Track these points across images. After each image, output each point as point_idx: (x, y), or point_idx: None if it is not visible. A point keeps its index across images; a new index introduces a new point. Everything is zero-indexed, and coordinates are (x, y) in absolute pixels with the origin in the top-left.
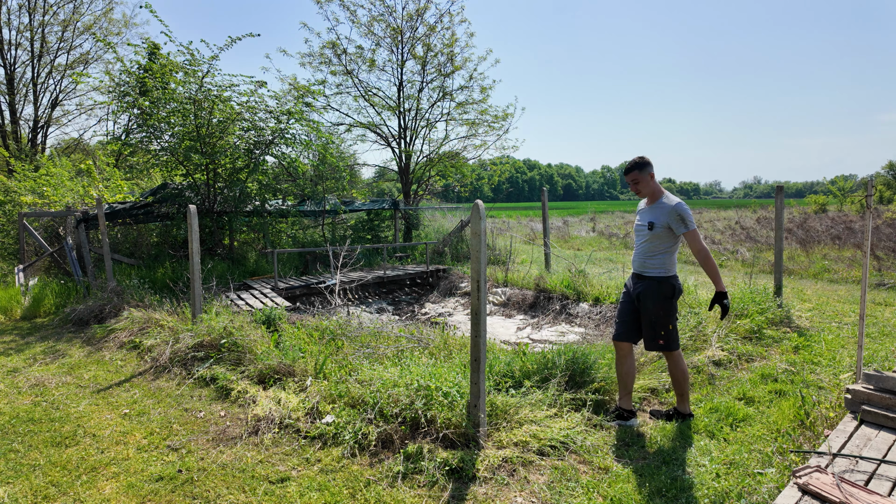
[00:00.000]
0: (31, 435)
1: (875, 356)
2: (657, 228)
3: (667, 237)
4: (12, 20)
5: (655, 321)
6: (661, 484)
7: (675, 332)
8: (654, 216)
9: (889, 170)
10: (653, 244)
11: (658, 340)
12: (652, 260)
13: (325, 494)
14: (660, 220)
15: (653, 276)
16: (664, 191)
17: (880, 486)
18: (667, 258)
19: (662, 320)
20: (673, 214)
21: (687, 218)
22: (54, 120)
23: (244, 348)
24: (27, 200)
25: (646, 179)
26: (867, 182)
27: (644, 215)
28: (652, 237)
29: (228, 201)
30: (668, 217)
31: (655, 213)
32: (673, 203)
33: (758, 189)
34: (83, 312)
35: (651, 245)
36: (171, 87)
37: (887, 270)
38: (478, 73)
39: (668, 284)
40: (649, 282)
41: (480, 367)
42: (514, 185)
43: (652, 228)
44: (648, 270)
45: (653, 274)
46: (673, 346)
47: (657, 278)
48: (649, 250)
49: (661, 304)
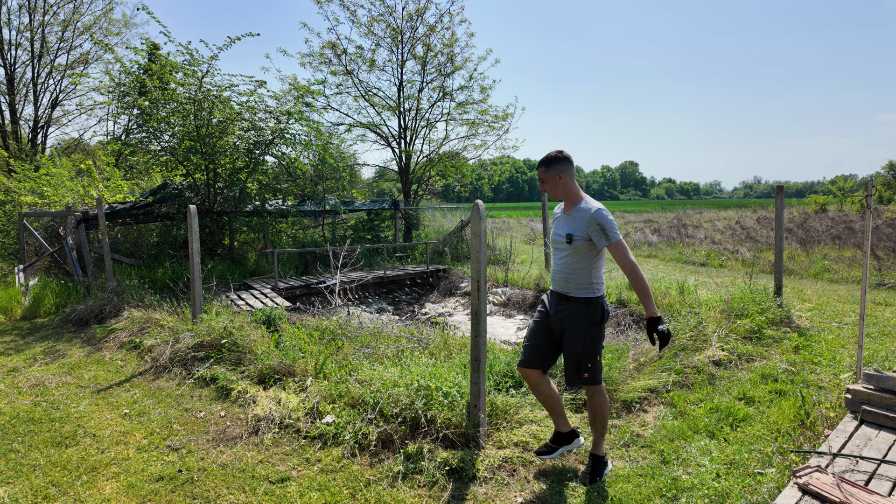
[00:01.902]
0: (32, 435)
1: (875, 356)
2: (577, 241)
3: (589, 250)
4: (12, 20)
5: (582, 352)
6: (661, 484)
7: (601, 362)
8: (573, 226)
9: (889, 170)
10: (574, 259)
11: (583, 374)
12: (576, 278)
13: (325, 494)
14: (578, 231)
15: (579, 298)
16: (582, 195)
17: (880, 486)
18: (593, 275)
19: (590, 350)
20: (592, 224)
21: (608, 228)
22: (54, 120)
23: (244, 348)
24: (27, 200)
25: (553, 180)
26: (867, 182)
27: (560, 225)
28: (573, 251)
29: (228, 201)
30: (587, 227)
31: (573, 222)
32: (592, 210)
33: (758, 189)
34: (83, 312)
35: (573, 261)
36: (171, 87)
37: (887, 270)
38: (478, 73)
39: (597, 307)
40: (575, 304)
41: (480, 367)
42: (514, 185)
43: (571, 241)
44: (573, 291)
45: (579, 295)
46: (598, 379)
47: (584, 300)
48: (571, 267)
49: (590, 331)
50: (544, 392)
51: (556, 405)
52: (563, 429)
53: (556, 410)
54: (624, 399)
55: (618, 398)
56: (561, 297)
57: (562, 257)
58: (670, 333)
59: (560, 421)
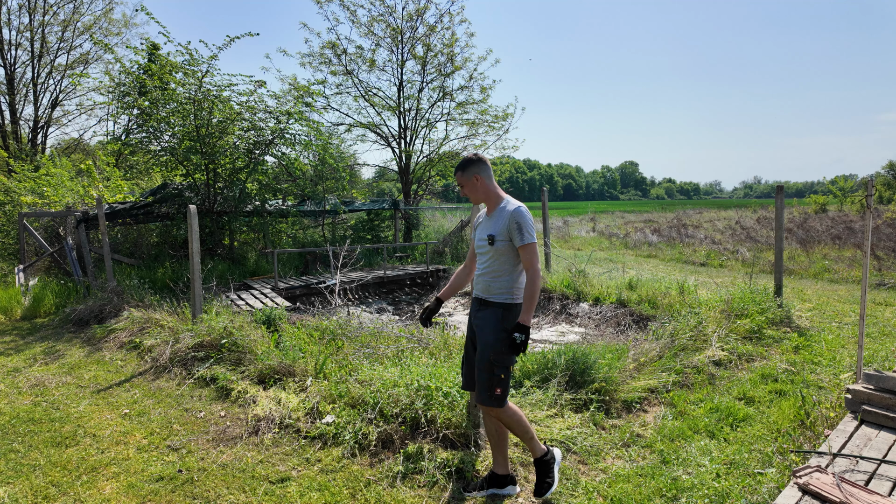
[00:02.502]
0: (32, 435)
1: (875, 356)
2: (499, 243)
3: (511, 252)
4: (12, 20)
5: (495, 360)
6: (661, 484)
7: (510, 379)
8: (495, 227)
9: (889, 170)
10: (497, 262)
11: (494, 388)
12: (498, 282)
13: (325, 494)
14: (500, 231)
15: (498, 303)
16: (503, 195)
17: (880, 486)
18: (513, 279)
19: (502, 359)
20: (511, 222)
21: (525, 226)
22: (54, 120)
23: (244, 348)
24: (27, 200)
25: (471, 183)
26: (867, 182)
27: (483, 227)
28: (495, 254)
29: (228, 201)
30: (507, 226)
31: (495, 223)
32: (511, 209)
33: (758, 189)
34: (83, 312)
35: (496, 264)
36: (171, 87)
37: (887, 270)
38: (478, 73)
39: (516, 314)
40: (493, 309)
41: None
42: (514, 185)
43: (493, 243)
44: (493, 296)
45: (498, 300)
46: (504, 399)
47: (503, 305)
48: (494, 270)
49: (503, 338)
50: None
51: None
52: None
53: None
54: (624, 399)
55: (618, 398)
56: (481, 302)
57: (484, 261)
58: (525, 346)
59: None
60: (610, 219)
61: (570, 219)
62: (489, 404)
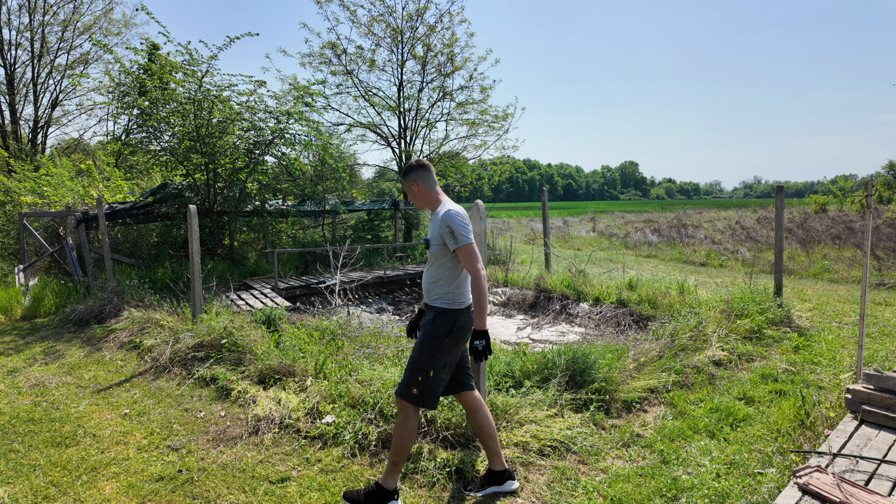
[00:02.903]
0: (32, 435)
1: (875, 356)
2: (433, 247)
3: (447, 256)
4: (12, 20)
5: (417, 359)
6: (661, 484)
7: (438, 385)
8: (431, 232)
9: (889, 170)
10: (433, 267)
11: (412, 388)
12: (437, 286)
13: (325, 494)
14: (434, 236)
15: (435, 307)
16: (442, 199)
17: (880, 486)
18: (452, 284)
19: (424, 362)
20: (443, 226)
21: (457, 229)
22: (54, 120)
23: (244, 348)
24: (27, 200)
25: (411, 190)
26: (867, 182)
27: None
28: (431, 259)
29: (228, 201)
30: (440, 231)
31: (431, 228)
32: (442, 213)
33: (758, 189)
34: (83, 312)
35: (433, 267)
36: (171, 87)
37: (887, 270)
38: (478, 73)
39: (449, 319)
40: (431, 313)
41: (480, 367)
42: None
43: (428, 247)
44: (433, 300)
45: (436, 304)
46: (424, 402)
47: (438, 309)
48: (433, 274)
49: (431, 342)
50: (478, 416)
51: (490, 440)
52: (498, 466)
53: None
54: (624, 399)
55: (618, 398)
56: (427, 306)
57: (427, 266)
58: (488, 351)
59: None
60: (610, 219)
61: (570, 219)
62: (402, 396)
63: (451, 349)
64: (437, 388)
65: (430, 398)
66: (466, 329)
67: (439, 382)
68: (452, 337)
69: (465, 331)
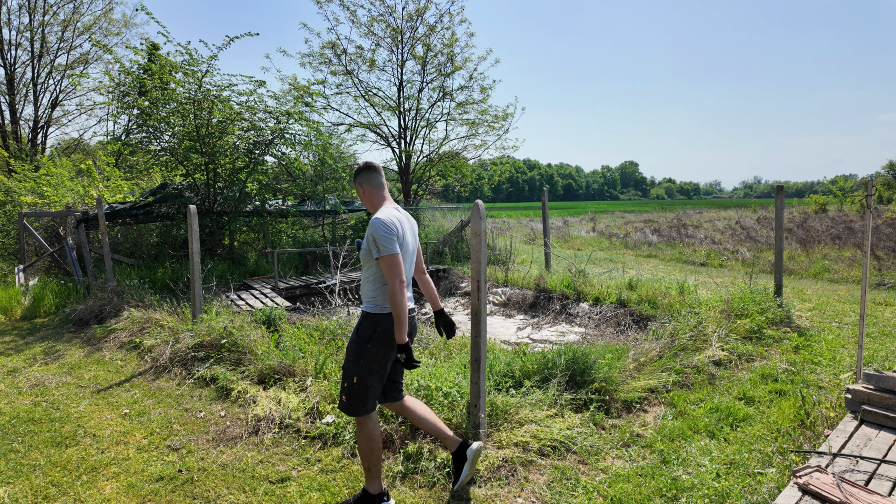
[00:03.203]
0: (32, 435)
1: (875, 356)
2: (363, 250)
3: (372, 260)
4: (12, 20)
5: (344, 365)
6: (661, 484)
7: (365, 392)
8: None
9: (889, 170)
10: (364, 269)
11: (342, 396)
12: (365, 289)
13: (325, 494)
14: (366, 239)
15: (364, 311)
16: (383, 204)
17: (880, 485)
18: (377, 288)
19: (350, 368)
20: (368, 234)
21: (379, 239)
22: (54, 120)
23: (244, 348)
24: (27, 200)
25: (360, 192)
26: (867, 182)
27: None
28: (363, 260)
29: (228, 201)
30: (367, 236)
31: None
32: (373, 218)
33: (758, 189)
34: (83, 312)
35: (364, 270)
36: (171, 87)
37: (887, 270)
38: (478, 73)
39: (372, 323)
40: (360, 316)
41: (480, 367)
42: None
43: (359, 249)
44: (363, 303)
45: (364, 307)
46: (355, 410)
47: (364, 313)
48: (363, 277)
49: (355, 346)
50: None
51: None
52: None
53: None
54: (624, 399)
55: (618, 398)
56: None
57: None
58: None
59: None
60: (610, 219)
61: (570, 219)
62: (339, 407)
63: (377, 355)
64: (366, 396)
65: (358, 406)
66: (384, 336)
67: (367, 390)
68: (375, 342)
69: (389, 337)
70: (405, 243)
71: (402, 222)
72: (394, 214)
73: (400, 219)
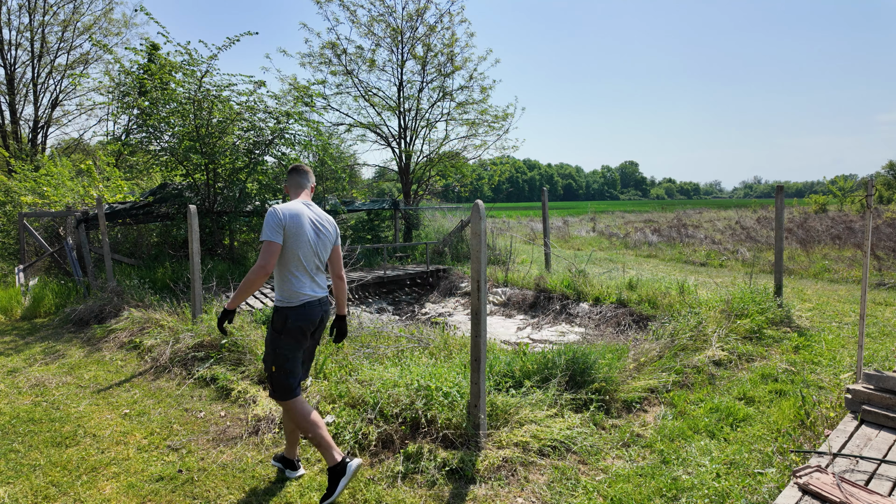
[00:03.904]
0: (32, 435)
1: (875, 356)
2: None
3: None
4: (12, 20)
5: (265, 358)
6: (661, 484)
7: (286, 377)
8: None
9: (889, 170)
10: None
11: (269, 385)
12: (275, 282)
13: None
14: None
15: (274, 304)
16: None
17: (881, 485)
18: (280, 279)
19: (268, 359)
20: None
21: (264, 226)
22: (54, 120)
23: (244, 348)
24: (27, 200)
25: (284, 189)
26: (867, 182)
27: None
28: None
29: (228, 201)
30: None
31: None
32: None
33: (758, 189)
34: (83, 312)
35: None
36: (171, 87)
37: (887, 270)
38: (478, 73)
39: (281, 315)
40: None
41: (480, 367)
42: (514, 185)
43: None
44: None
45: (274, 302)
46: (283, 396)
47: (275, 307)
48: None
49: (270, 338)
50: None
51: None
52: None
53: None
54: (624, 399)
55: (618, 398)
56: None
57: None
58: (220, 324)
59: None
60: (610, 219)
61: (570, 219)
62: (270, 396)
63: (288, 345)
64: (286, 381)
65: (285, 392)
66: (301, 327)
67: (286, 375)
68: (286, 333)
69: (298, 328)
70: (298, 235)
71: (300, 216)
72: (292, 207)
73: (299, 212)
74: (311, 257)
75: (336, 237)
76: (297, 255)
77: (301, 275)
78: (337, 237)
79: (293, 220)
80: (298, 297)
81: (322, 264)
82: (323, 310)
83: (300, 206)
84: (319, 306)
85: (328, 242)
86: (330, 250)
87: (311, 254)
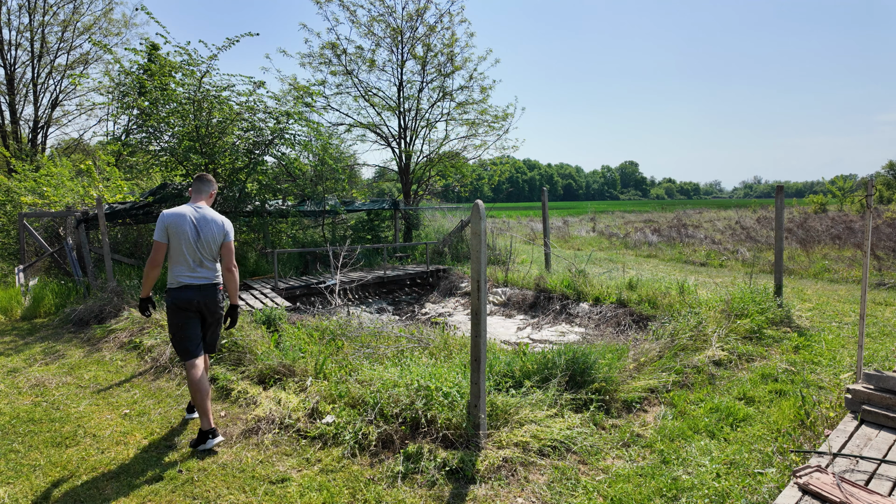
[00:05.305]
0: (32, 435)
1: (875, 356)
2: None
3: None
4: (12, 20)
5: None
6: (661, 484)
7: (180, 343)
8: None
9: (889, 170)
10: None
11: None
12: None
13: (325, 494)
14: None
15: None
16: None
17: (880, 485)
18: (169, 268)
19: (168, 329)
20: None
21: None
22: (54, 120)
23: (244, 348)
24: (27, 200)
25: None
26: (867, 182)
27: None
28: None
29: (228, 201)
30: None
31: None
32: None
33: (758, 189)
34: (83, 312)
35: None
36: (170, 87)
37: (887, 270)
38: (478, 73)
39: (167, 294)
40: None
41: (480, 367)
42: (514, 185)
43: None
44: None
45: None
46: (181, 356)
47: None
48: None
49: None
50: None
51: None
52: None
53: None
54: (624, 399)
55: (618, 398)
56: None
57: None
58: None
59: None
60: (610, 219)
61: (570, 219)
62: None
63: (175, 316)
64: (182, 346)
65: (180, 353)
66: (177, 304)
67: (181, 340)
68: (170, 309)
69: (176, 305)
70: (179, 234)
71: (183, 217)
72: (177, 210)
73: (182, 214)
74: (192, 251)
75: (224, 235)
76: (180, 249)
77: (181, 264)
78: (226, 235)
79: (174, 222)
80: (177, 281)
81: (208, 257)
82: (203, 294)
83: (186, 208)
84: (198, 290)
85: (211, 240)
86: (219, 245)
87: (192, 249)
